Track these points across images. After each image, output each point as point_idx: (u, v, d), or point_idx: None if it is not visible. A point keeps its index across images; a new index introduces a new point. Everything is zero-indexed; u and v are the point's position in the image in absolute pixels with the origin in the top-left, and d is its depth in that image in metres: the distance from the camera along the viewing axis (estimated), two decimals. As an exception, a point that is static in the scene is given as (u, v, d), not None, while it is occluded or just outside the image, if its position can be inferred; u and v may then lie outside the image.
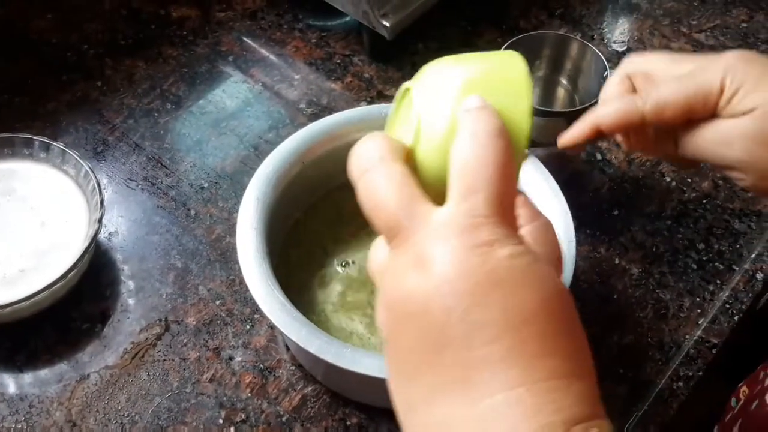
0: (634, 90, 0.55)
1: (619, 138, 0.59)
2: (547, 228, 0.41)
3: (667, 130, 0.54)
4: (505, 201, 0.35)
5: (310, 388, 0.65)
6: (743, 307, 0.70)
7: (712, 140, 0.51)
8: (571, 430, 0.32)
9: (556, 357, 0.33)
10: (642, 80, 0.55)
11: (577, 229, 0.68)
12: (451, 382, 0.33)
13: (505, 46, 0.70)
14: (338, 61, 0.88)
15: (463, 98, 0.39)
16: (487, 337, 0.33)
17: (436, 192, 0.37)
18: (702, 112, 0.50)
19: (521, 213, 0.40)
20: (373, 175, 0.36)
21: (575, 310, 0.36)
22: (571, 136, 0.56)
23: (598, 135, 0.55)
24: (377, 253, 0.39)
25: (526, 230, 0.40)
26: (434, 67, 0.42)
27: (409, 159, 0.39)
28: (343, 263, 0.68)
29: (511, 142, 0.37)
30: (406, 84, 0.43)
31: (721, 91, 0.49)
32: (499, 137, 0.36)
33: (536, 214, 0.41)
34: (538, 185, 0.64)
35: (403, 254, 0.35)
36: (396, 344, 0.35)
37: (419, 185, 0.37)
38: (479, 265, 0.33)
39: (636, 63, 0.56)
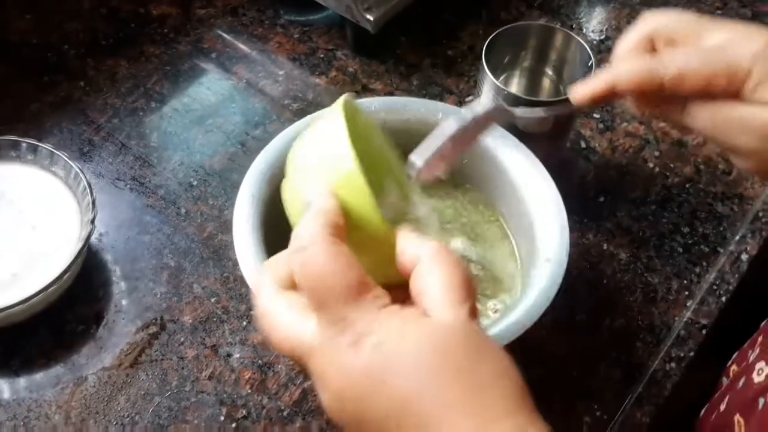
0: (653, 50, 0.52)
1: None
2: (429, 266, 0.40)
3: (679, 97, 0.52)
4: (354, 289, 0.38)
5: (309, 382, 0.65)
6: (730, 287, 0.72)
7: (727, 122, 0.50)
8: None
9: (460, 411, 0.35)
10: (665, 44, 0.52)
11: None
12: None
13: (490, 38, 0.70)
14: (321, 55, 0.88)
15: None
16: (392, 429, 0.36)
17: None
18: (722, 91, 0.49)
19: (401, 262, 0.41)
20: (264, 314, 0.42)
21: (469, 342, 0.38)
22: (584, 91, 0.52)
23: (611, 94, 0.52)
24: None
25: (411, 278, 0.41)
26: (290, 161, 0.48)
27: None
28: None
29: (331, 233, 0.40)
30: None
31: (748, 76, 0.48)
32: (315, 245, 0.39)
33: (414, 258, 0.41)
34: (529, 173, 0.65)
35: (314, 378, 0.39)
36: None
37: (294, 307, 0.41)
38: (354, 367, 0.37)
39: (659, 22, 0.52)
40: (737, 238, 0.75)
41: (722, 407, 0.60)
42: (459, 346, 0.37)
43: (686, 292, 0.72)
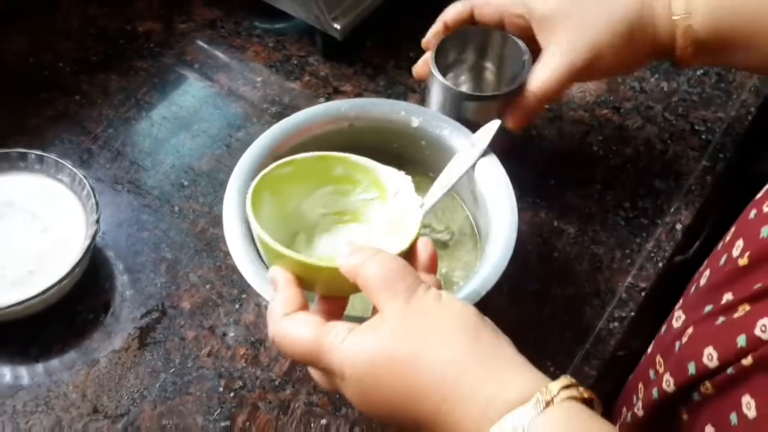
0: None
1: None
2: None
3: None
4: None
5: (297, 355, 0.74)
6: (666, 254, 0.81)
7: None
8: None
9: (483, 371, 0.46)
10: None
11: (519, 197, 0.77)
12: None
13: (440, 42, 0.78)
14: (295, 62, 0.96)
15: None
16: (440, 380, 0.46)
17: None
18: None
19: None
20: (279, 335, 0.51)
21: (475, 318, 0.50)
22: (429, 35, 0.80)
23: (445, 27, 0.78)
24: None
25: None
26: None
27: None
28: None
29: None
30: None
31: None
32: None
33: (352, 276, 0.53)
34: (481, 161, 0.73)
35: (341, 364, 0.49)
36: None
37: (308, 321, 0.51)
38: (428, 308, 0.49)
39: None
40: (672, 210, 0.84)
41: (649, 350, 0.69)
42: (473, 321, 0.48)
43: (628, 261, 0.81)
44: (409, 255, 0.57)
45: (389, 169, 0.66)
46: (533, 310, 0.77)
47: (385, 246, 0.55)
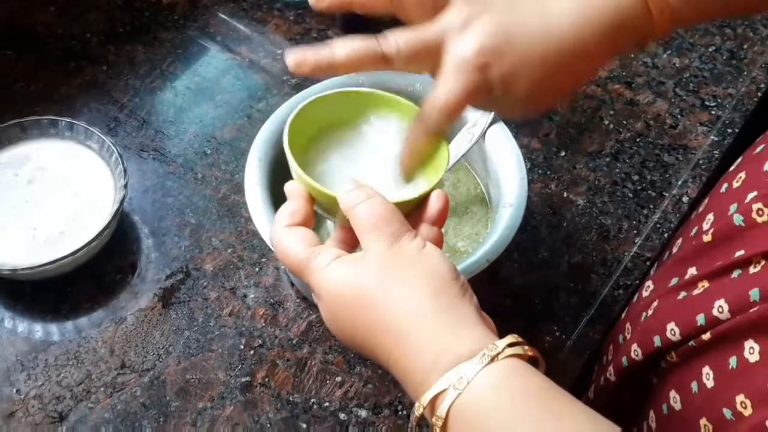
0: None
1: None
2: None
3: None
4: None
5: (313, 316, 0.77)
6: (671, 225, 0.83)
7: None
8: None
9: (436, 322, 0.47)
10: None
11: (531, 169, 0.81)
12: None
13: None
14: (315, 35, 0.99)
15: None
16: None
17: None
18: None
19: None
20: (278, 242, 0.53)
21: (444, 268, 0.50)
22: None
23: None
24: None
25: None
26: None
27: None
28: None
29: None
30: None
31: None
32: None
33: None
34: (494, 132, 0.76)
35: (326, 279, 0.50)
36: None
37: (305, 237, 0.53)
38: (408, 251, 0.50)
39: None
40: (680, 183, 0.87)
41: (624, 315, 0.72)
42: (444, 276, 0.49)
43: (635, 231, 0.83)
44: (421, 204, 0.56)
45: None
46: (542, 277, 0.80)
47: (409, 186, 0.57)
